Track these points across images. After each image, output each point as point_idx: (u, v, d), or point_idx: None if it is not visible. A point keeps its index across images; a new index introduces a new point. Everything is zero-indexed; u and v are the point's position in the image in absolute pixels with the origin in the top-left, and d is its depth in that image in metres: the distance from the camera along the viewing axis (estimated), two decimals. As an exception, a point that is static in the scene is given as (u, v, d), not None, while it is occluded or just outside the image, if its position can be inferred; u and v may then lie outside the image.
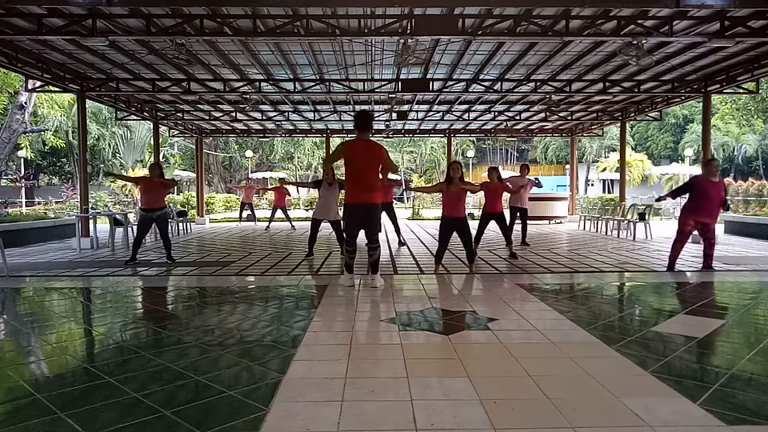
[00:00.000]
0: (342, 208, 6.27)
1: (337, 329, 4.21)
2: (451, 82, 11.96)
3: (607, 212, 16.43)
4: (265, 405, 2.62)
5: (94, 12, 7.45)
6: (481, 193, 8.57)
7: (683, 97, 13.54)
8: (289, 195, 15.84)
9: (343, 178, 6.11)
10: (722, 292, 5.87)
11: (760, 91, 17.05)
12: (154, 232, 11.33)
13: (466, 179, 7.45)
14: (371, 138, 5.98)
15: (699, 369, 3.30)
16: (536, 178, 10.63)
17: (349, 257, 6.08)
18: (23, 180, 24.63)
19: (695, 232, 7.22)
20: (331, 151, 6.48)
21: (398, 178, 12.12)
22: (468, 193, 6.92)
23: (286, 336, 3.97)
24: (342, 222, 6.01)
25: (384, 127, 18.47)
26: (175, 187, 32.65)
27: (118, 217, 11.62)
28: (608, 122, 17.83)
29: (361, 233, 5.92)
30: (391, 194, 10.57)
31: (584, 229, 14.72)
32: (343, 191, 8.90)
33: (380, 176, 5.87)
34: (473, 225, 7.40)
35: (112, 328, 4.45)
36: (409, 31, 7.69)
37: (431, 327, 4.25)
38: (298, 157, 38.54)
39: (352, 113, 15.47)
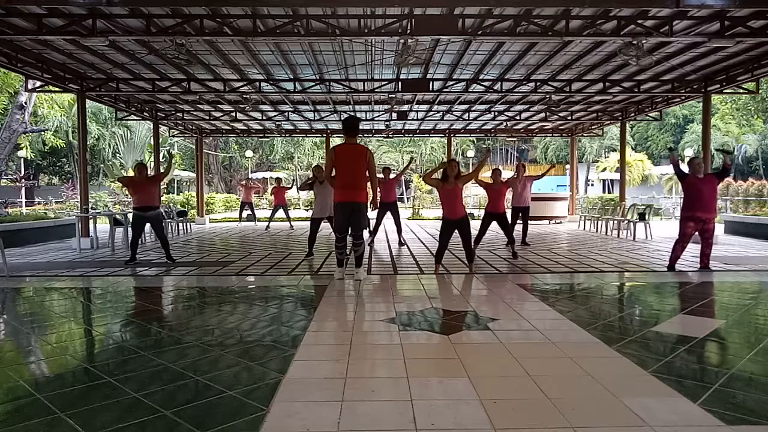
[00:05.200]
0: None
1: (337, 329, 4.21)
2: (451, 82, 11.96)
3: (607, 212, 16.43)
4: (265, 405, 2.62)
5: (94, 12, 7.45)
6: (483, 193, 8.59)
7: (683, 97, 13.53)
8: (289, 188, 16.15)
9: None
10: (722, 292, 5.87)
11: (760, 91, 17.04)
12: (153, 232, 11.32)
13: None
14: (358, 141, 6.48)
15: (699, 369, 3.30)
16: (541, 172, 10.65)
17: (339, 252, 6.48)
18: (23, 180, 24.60)
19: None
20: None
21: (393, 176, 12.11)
22: (463, 188, 6.94)
23: (286, 336, 3.97)
24: (332, 220, 6.45)
25: (384, 127, 18.47)
26: (175, 187, 32.72)
27: (118, 217, 11.62)
28: (608, 122, 17.83)
29: None
30: (393, 194, 10.58)
31: (584, 229, 14.72)
32: None
33: (368, 177, 6.27)
34: (474, 225, 7.40)
35: (112, 328, 4.45)
36: (409, 31, 7.68)
37: (431, 327, 4.25)
38: (298, 157, 38.54)
39: (353, 113, 15.47)
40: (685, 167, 7.30)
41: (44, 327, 4.52)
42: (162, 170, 8.66)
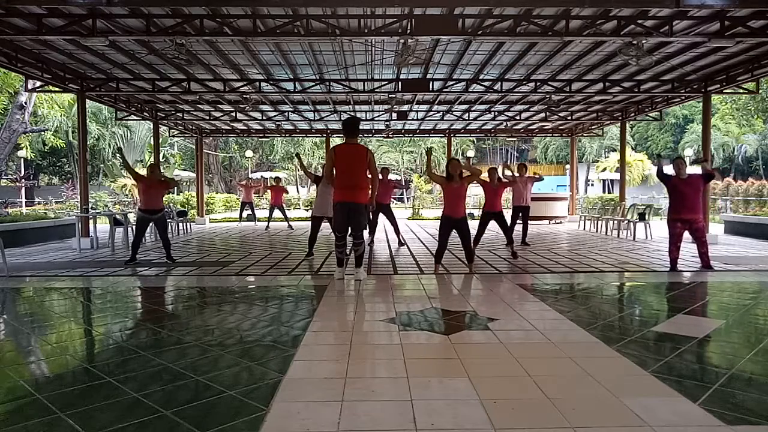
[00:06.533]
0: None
1: (337, 329, 4.21)
2: (451, 82, 11.96)
3: (607, 212, 16.43)
4: (265, 405, 2.62)
5: (94, 12, 7.45)
6: (482, 193, 8.60)
7: (683, 97, 13.54)
8: (287, 192, 16.10)
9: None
10: (722, 292, 5.86)
11: (760, 91, 17.00)
12: (153, 233, 11.33)
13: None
14: (358, 141, 6.51)
15: (699, 369, 3.30)
16: (537, 175, 10.68)
17: (339, 252, 6.47)
18: (23, 180, 24.60)
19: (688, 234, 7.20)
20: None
21: (398, 178, 12.26)
22: (468, 188, 6.95)
23: (286, 336, 3.97)
24: (332, 220, 6.45)
25: (384, 127, 18.47)
26: (176, 187, 32.70)
27: (118, 217, 11.62)
28: (608, 122, 17.83)
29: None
30: (389, 196, 10.60)
31: (584, 229, 14.71)
32: None
33: (368, 177, 6.31)
34: (473, 225, 7.41)
35: (112, 328, 4.45)
36: (409, 31, 7.68)
37: (431, 327, 4.25)
38: (299, 157, 38.53)
39: (353, 113, 15.47)
40: (669, 170, 7.32)
41: (44, 327, 4.52)
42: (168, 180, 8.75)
